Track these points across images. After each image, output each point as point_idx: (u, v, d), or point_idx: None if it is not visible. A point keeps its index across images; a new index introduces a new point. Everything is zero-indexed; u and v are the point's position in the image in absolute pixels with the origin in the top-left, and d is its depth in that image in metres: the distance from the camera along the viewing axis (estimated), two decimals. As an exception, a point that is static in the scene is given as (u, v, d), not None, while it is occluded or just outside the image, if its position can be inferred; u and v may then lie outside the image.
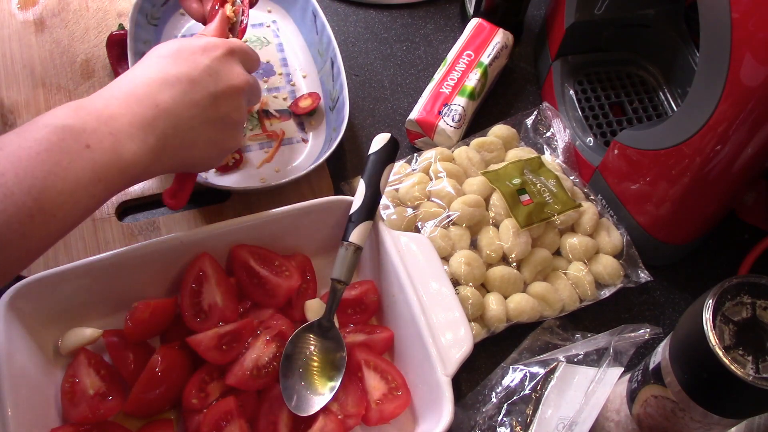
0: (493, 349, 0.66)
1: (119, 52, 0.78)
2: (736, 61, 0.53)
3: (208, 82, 0.54)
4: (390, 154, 0.64)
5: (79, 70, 0.79)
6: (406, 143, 0.80)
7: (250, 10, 0.87)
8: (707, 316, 0.43)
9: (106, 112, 0.50)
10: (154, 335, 0.61)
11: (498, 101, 0.85)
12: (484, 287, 0.68)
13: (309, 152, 0.76)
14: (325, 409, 0.57)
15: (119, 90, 0.52)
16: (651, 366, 0.51)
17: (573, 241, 0.70)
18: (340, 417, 0.57)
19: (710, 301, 0.44)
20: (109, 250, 0.59)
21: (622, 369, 0.58)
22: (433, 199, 0.70)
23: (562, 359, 0.62)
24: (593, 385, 0.58)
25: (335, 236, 0.63)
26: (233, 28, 0.64)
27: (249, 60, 0.60)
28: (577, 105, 0.80)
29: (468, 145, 0.75)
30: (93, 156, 0.47)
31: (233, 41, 0.58)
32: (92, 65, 0.80)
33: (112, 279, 0.59)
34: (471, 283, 0.66)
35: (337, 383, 0.58)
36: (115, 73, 0.79)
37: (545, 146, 0.78)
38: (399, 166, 0.74)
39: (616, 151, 0.70)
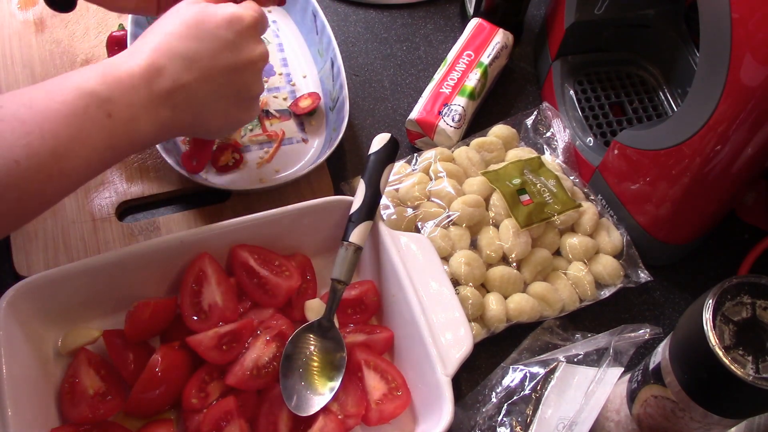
0: (493, 349, 0.66)
1: (119, 52, 0.78)
2: (736, 61, 0.53)
3: (228, 58, 0.55)
4: (390, 154, 0.64)
5: (79, 70, 0.79)
6: (406, 143, 0.80)
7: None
8: (707, 316, 0.43)
9: (129, 82, 0.50)
10: (154, 335, 0.61)
11: (498, 101, 0.85)
12: (484, 287, 0.68)
13: (309, 152, 0.76)
14: (325, 409, 0.57)
15: (143, 56, 0.52)
16: (651, 366, 0.51)
17: (573, 241, 0.70)
18: (340, 417, 0.57)
19: (710, 301, 0.44)
20: (109, 250, 0.59)
21: (622, 369, 0.58)
22: (433, 199, 0.70)
23: (562, 359, 0.62)
24: (593, 385, 0.58)
25: (335, 236, 0.63)
26: None
27: (265, 28, 0.60)
28: (577, 105, 0.80)
29: (468, 145, 0.75)
30: (113, 125, 0.49)
31: (255, 10, 0.57)
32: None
33: (112, 279, 0.59)
34: (471, 283, 0.66)
35: (337, 383, 0.58)
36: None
37: (545, 146, 0.78)
38: (399, 166, 0.74)
39: (616, 151, 0.70)
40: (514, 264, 0.68)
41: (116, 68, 0.51)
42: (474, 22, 0.84)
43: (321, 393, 0.58)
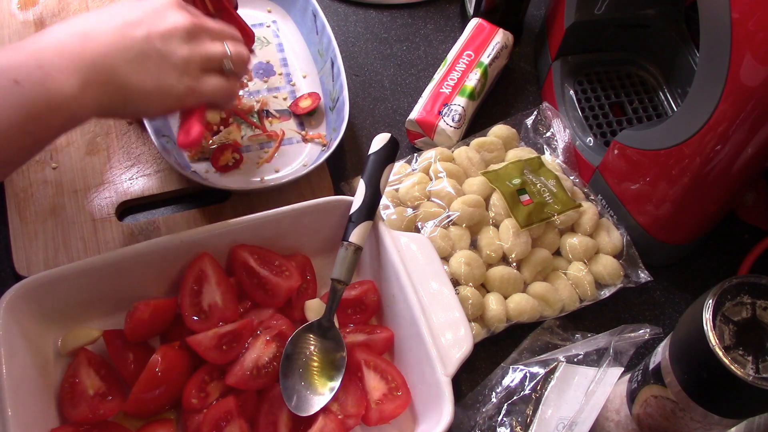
0: (493, 349, 0.66)
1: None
2: (736, 61, 0.53)
3: (142, 19, 0.54)
4: (390, 154, 0.64)
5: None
6: (406, 143, 0.80)
7: (252, 11, 0.87)
8: (707, 316, 0.43)
9: (35, 46, 0.49)
10: (154, 335, 0.61)
11: (498, 101, 0.85)
12: (484, 287, 0.68)
13: (309, 152, 0.76)
14: (325, 409, 0.57)
15: (54, 28, 0.52)
16: (651, 366, 0.51)
17: (573, 241, 0.70)
18: (340, 417, 0.57)
19: (710, 301, 0.44)
20: (109, 250, 0.59)
21: (622, 369, 0.58)
22: (433, 199, 0.70)
23: (562, 359, 0.62)
24: (593, 385, 0.58)
25: (335, 236, 0.63)
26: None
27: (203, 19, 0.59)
28: (577, 105, 0.80)
29: (468, 145, 0.75)
30: (22, 91, 0.47)
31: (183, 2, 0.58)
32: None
33: (112, 279, 0.59)
34: (471, 283, 0.66)
35: (337, 383, 0.58)
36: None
37: (545, 146, 0.78)
38: (399, 166, 0.74)
39: (616, 151, 0.70)
40: (514, 264, 0.68)
41: (22, 42, 0.50)
42: (474, 22, 0.84)
43: (321, 393, 0.57)
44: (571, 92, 0.81)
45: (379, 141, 0.64)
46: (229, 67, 0.59)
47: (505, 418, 0.60)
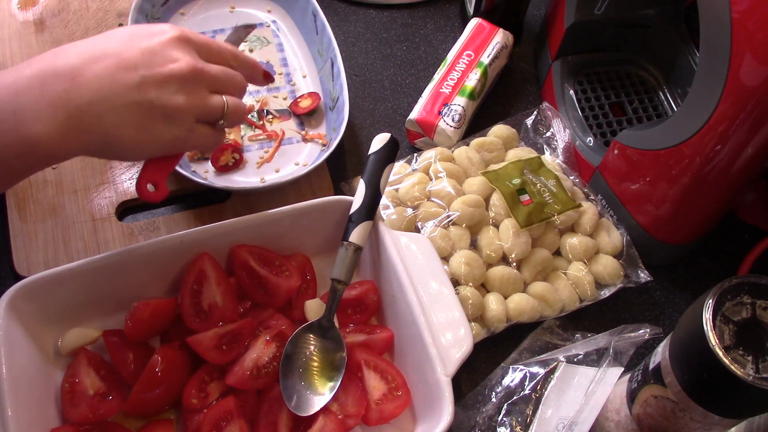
0: (493, 349, 0.66)
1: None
2: (736, 61, 0.53)
3: (138, 62, 0.49)
4: (390, 154, 0.64)
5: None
6: (406, 143, 0.80)
7: (252, 11, 0.87)
8: (707, 316, 0.43)
9: (14, 87, 0.46)
10: (154, 335, 0.61)
11: (498, 101, 0.85)
12: (484, 287, 0.68)
13: (309, 152, 0.76)
14: (325, 409, 0.57)
15: (40, 62, 0.48)
16: (651, 366, 0.51)
17: (573, 241, 0.70)
18: (340, 417, 0.57)
19: (710, 301, 0.44)
20: (109, 250, 0.59)
21: (622, 369, 0.58)
22: (433, 199, 0.70)
23: (562, 359, 0.62)
24: (593, 385, 0.58)
25: (335, 236, 0.63)
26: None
27: (211, 52, 0.54)
28: (577, 105, 0.80)
29: (468, 145, 0.75)
30: None
31: (188, 31, 0.53)
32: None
33: (112, 279, 0.59)
34: (471, 283, 0.66)
35: (337, 383, 0.58)
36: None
37: (545, 146, 0.78)
38: (399, 166, 0.74)
39: (616, 151, 0.70)
40: (514, 264, 0.68)
41: (5, 75, 0.47)
42: (474, 22, 0.84)
43: (321, 393, 0.57)
44: (571, 92, 0.81)
45: (379, 141, 0.64)
46: (223, 124, 0.55)
47: (505, 418, 0.60)
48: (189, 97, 0.52)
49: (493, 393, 0.62)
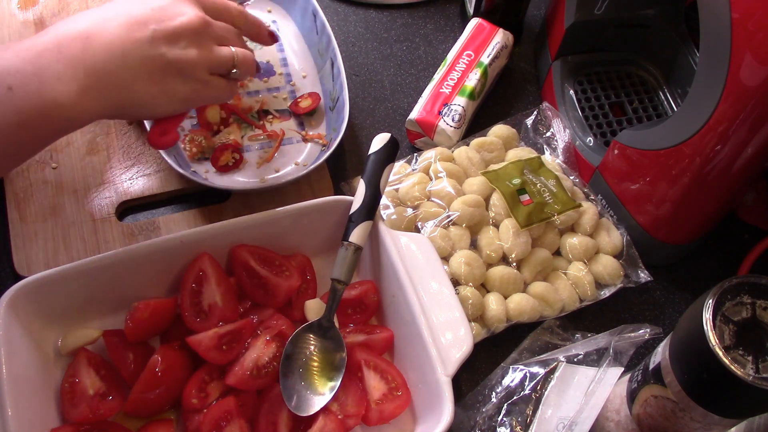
0: (493, 349, 0.66)
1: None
2: (736, 61, 0.53)
3: (148, 18, 0.51)
4: (390, 154, 0.64)
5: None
6: (406, 143, 0.80)
7: (252, 11, 0.87)
8: (707, 316, 0.43)
9: (33, 50, 0.47)
10: (154, 335, 0.61)
11: (498, 101, 0.85)
12: (484, 287, 0.68)
13: (309, 152, 0.76)
14: (325, 409, 0.57)
15: (57, 28, 0.49)
16: (651, 366, 0.51)
17: (573, 241, 0.70)
18: (340, 417, 0.57)
19: (710, 301, 0.44)
20: (109, 250, 0.59)
21: (622, 369, 0.58)
22: (433, 199, 0.70)
23: (562, 359, 0.62)
24: (593, 385, 0.58)
25: (335, 236, 0.63)
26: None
27: (217, 9, 0.56)
28: (577, 105, 0.80)
29: (468, 145, 0.75)
30: (14, 99, 0.45)
31: None
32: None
33: (112, 279, 0.59)
34: (471, 283, 0.66)
35: (337, 383, 0.58)
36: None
37: (545, 146, 0.78)
38: (399, 166, 0.74)
39: (616, 151, 0.70)
40: (514, 264, 0.68)
41: (19, 43, 0.47)
42: (474, 22, 0.84)
43: (321, 393, 0.57)
44: (571, 92, 0.81)
45: (379, 141, 0.64)
46: (235, 74, 0.57)
47: (505, 418, 0.60)
48: (200, 50, 0.53)
49: (493, 393, 0.62)
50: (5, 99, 0.45)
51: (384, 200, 0.70)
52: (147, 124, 0.70)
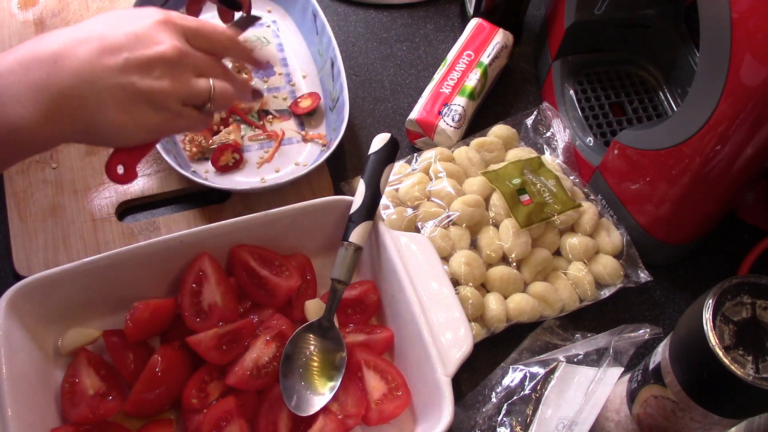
0: (493, 349, 0.66)
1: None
2: (736, 61, 0.53)
3: (122, 45, 0.48)
4: (390, 154, 0.64)
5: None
6: (406, 143, 0.80)
7: (252, 11, 0.87)
8: (707, 316, 0.43)
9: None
10: (154, 335, 0.61)
11: (498, 101, 0.85)
12: (484, 287, 0.68)
13: (309, 152, 0.76)
14: (325, 409, 0.57)
15: (25, 47, 0.47)
16: (651, 366, 0.51)
17: (573, 241, 0.70)
18: (340, 417, 0.57)
19: (710, 301, 0.44)
20: (109, 250, 0.59)
21: (622, 369, 0.58)
22: (433, 199, 0.70)
23: (562, 359, 0.62)
24: (593, 385, 0.58)
25: (335, 236, 0.63)
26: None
27: (200, 37, 0.53)
28: (577, 105, 0.80)
29: (468, 145, 0.75)
30: None
31: (175, 14, 0.52)
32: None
33: (112, 279, 0.59)
34: (471, 283, 0.66)
35: (337, 383, 0.58)
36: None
37: (545, 146, 0.78)
38: (399, 166, 0.74)
39: (616, 151, 0.70)
40: (514, 264, 0.68)
41: None
42: (474, 22, 0.84)
43: (321, 393, 0.57)
44: (571, 92, 0.81)
45: (379, 141, 0.64)
46: (210, 107, 0.54)
47: (505, 418, 0.60)
48: (173, 81, 0.51)
49: (493, 393, 0.62)
50: None
51: (384, 200, 0.70)
52: None
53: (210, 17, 0.84)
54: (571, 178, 0.75)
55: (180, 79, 0.51)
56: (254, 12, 0.85)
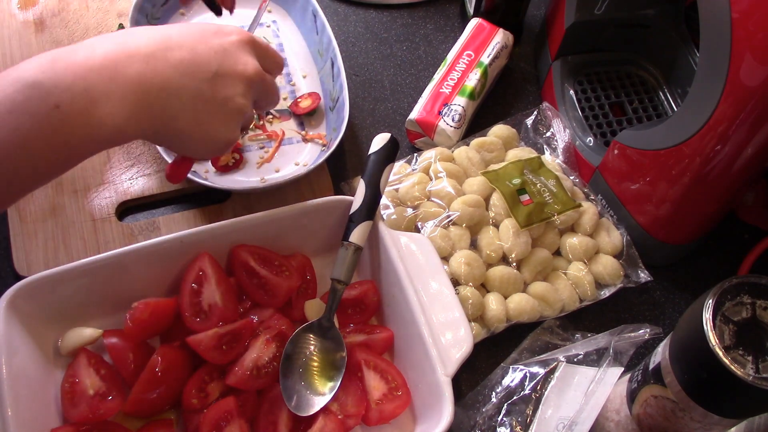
0: (493, 349, 0.66)
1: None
2: (736, 61, 0.53)
3: (211, 59, 0.50)
4: (390, 154, 0.64)
5: (79, 70, 0.79)
6: (406, 143, 0.80)
7: (252, 11, 0.87)
8: (707, 316, 0.43)
9: (87, 65, 0.44)
10: (154, 335, 0.61)
11: (498, 101, 0.85)
12: (484, 287, 0.68)
13: (309, 152, 0.76)
14: (325, 409, 0.57)
15: (112, 40, 0.47)
16: (651, 366, 0.51)
17: (573, 241, 0.70)
18: (340, 417, 0.57)
19: (710, 301, 0.44)
20: (109, 250, 0.59)
21: (622, 369, 0.58)
22: (433, 199, 0.70)
23: (562, 359, 0.62)
24: (593, 385, 0.58)
25: (335, 236, 0.63)
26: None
27: (268, 58, 0.56)
28: (577, 105, 0.80)
29: (468, 145, 0.75)
30: (61, 117, 0.43)
31: (253, 36, 0.55)
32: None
33: (112, 279, 0.59)
34: (471, 283, 0.66)
35: (337, 383, 0.58)
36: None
37: (545, 146, 0.78)
38: (399, 166, 0.74)
39: (616, 151, 0.70)
40: (514, 264, 0.68)
41: (73, 54, 0.44)
42: (474, 22, 0.84)
43: (321, 393, 0.57)
44: (571, 92, 0.81)
45: (379, 141, 0.64)
46: (244, 133, 0.57)
47: (505, 418, 0.60)
48: (248, 102, 0.53)
49: (493, 393, 0.62)
50: (53, 117, 0.42)
51: (384, 200, 0.70)
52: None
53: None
54: (571, 178, 0.75)
55: (250, 100, 0.54)
56: (255, 12, 0.86)
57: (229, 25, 0.55)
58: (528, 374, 0.62)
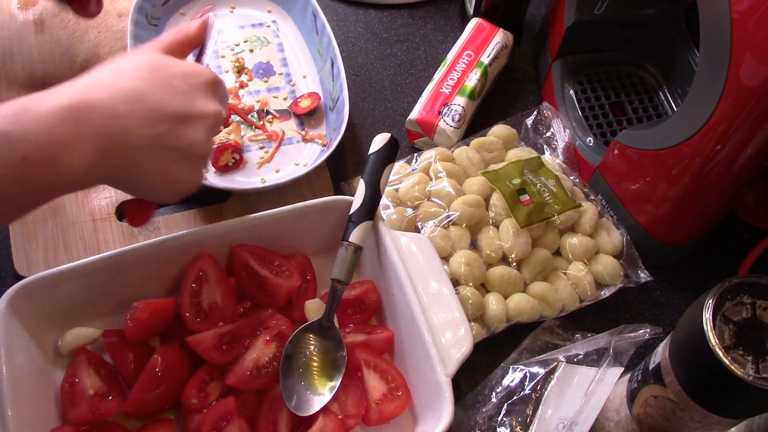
0: (493, 349, 0.66)
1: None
2: (736, 61, 0.53)
3: (176, 105, 0.51)
4: (390, 154, 0.64)
5: (79, 70, 0.79)
6: (406, 143, 0.80)
7: (252, 11, 0.87)
8: (707, 316, 0.43)
9: (52, 115, 0.45)
10: (154, 335, 0.61)
11: (498, 101, 0.85)
12: (484, 287, 0.68)
13: (309, 152, 0.76)
14: (325, 409, 0.57)
15: (74, 90, 0.48)
16: (651, 366, 0.51)
17: (573, 241, 0.70)
18: (340, 417, 0.57)
19: (710, 301, 0.44)
20: (109, 250, 0.59)
21: (622, 369, 0.58)
22: (433, 199, 0.70)
23: (562, 359, 0.62)
24: (593, 385, 0.58)
25: (335, 236, 0.63)
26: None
27: (225, 96, 0.58)
28: (577, 105, 0.80)
29: (468, 145, 0.75)
30: (28, 168, 0.44)
31: (214, 74, 0.56)
32: (92, 65, 0.80)
33: (112, 279, 0.59)
34: (471, 283, 0.66)
35: (337, 383, 0.58)
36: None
37: (545, 146, 0.78)
38: (399, 166, 0.74)
39: (616, 151, 0.70)
40: (514, 264, 0.68)
41: (38, 104, 0.45)
42: (474, 22, 0.84)
43: (321, 393, 0.58)
44: (571, 92, 0.81)
45: (379, 141, 0.64)
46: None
47: (505, 418, 0.60)
48: (210, 143, 0.54)
49: (493, 393, 0.62)
50: (19, 168, 0.43)
51: (384, 200, 0.70)
52: None
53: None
54: (571, 178, 0.75)
55: (211, 138, 0.55)
56: (255, 12, 0.86)
57: (196, 64, 0.55)
58: (528, 374, 0.62)
